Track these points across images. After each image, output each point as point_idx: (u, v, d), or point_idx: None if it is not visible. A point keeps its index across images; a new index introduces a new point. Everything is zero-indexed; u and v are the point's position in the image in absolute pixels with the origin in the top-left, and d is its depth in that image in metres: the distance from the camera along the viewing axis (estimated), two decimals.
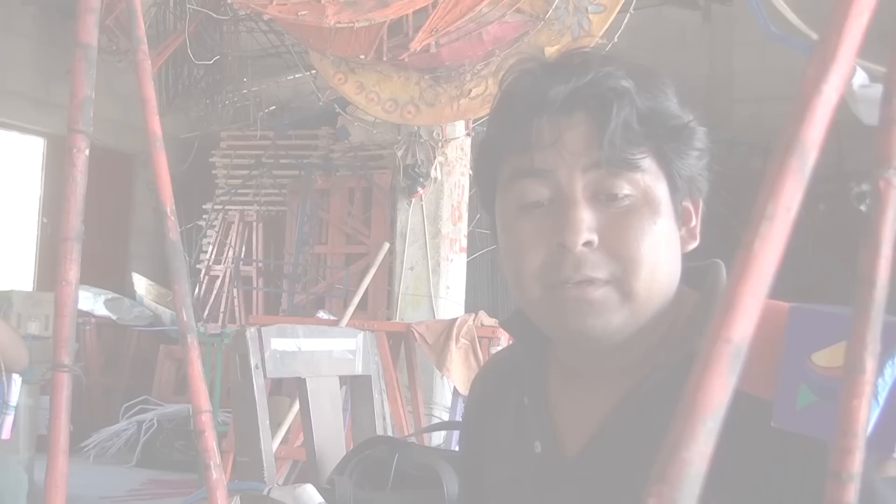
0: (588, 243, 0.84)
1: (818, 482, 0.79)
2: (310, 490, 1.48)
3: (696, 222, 0.93)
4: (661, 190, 0.87)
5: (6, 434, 2.67)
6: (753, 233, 0.32)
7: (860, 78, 1.72)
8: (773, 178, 0.32)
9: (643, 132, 0.86)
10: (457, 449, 2.97)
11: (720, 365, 0.30)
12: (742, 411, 0.33)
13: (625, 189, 0.86)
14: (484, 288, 6.18)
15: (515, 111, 0.89)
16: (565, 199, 0.86)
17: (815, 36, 2.07)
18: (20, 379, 2.75)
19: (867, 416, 0.39)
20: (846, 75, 0.34)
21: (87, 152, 0.72)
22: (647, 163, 0.87)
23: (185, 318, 0.62)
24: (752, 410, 0.58)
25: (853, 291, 0.39)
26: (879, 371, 0.40)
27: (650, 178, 0.87)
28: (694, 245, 0.93)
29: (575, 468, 0.92)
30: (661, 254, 0.86)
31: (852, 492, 0.39)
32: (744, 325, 0.31)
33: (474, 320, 3.95)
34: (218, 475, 0.58)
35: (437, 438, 3.85)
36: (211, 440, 0.59)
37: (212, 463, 0.59)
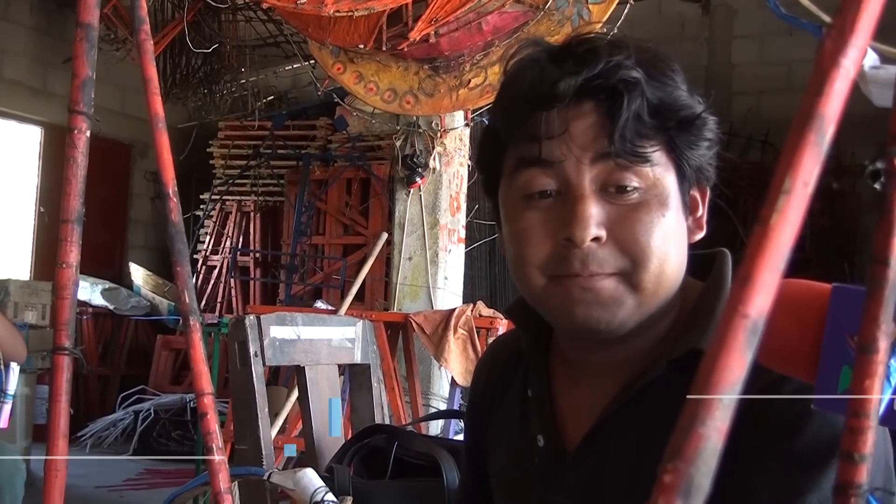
0: (596, 239, 0.82)
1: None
2: (310, 474, 1.48)
3: (702, 212, 0.91)
4: (669, 181, 0.85)
5: (4, 423, 2.66)
6: (770, 207, 0.31)
7: (871, 59, 1.70)
8: (790, 151, 0.32)
9: (654, 124, 0.84)
10: (454, 439, 2.96)
11: (737, 340, 0.30)
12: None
13: (634, 181, 0.83)
14: (482, 278, 6.18)
15: (522, 101, 0.86)
16: (573, 193, 0.84)
17: (826, 18, 2.05)
18: (18, 367, 2.74)
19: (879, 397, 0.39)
20: (864, 48, 0.34)
21: (87, 133, 0.71)
22: (657, 155, 0.85)
23: (187, 300, 0.61)
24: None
25: (866, 271, 0.39)
26: (892, 351, 0.40)
27: (660, 170, 0.85)
28: (701, 235, 0.91)
29: (575, 462, 0.91)
30: (669, 246, 0.84)
31: (864, 472, 0.38)
32: (761, 300, 0.30)
33: (472, 311, 3.94)
34: (220, 458, 0.58)
35: (435, 429, 3.85)
36: (213, 422, 0.58)
37: (214, 445, 0.58)
